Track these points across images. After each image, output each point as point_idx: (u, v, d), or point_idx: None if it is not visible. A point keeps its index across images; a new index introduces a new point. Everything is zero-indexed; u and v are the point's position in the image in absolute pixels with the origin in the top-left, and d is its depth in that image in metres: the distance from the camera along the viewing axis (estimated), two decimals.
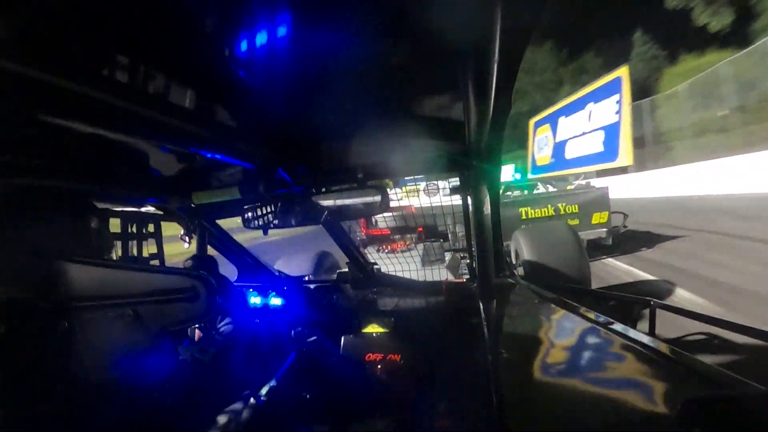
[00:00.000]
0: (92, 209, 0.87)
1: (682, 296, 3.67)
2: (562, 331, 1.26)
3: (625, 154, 8.49)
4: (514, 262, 3.51)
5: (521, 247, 3.37)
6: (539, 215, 5.64)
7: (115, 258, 1.11)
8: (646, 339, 0.96)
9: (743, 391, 0.68)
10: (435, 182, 2.33)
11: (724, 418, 0.58)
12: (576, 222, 5.50)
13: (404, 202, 2.56)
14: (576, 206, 5.69)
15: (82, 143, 0.87)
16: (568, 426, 0.70)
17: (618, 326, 1.07)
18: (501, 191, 1.73)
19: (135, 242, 1.24)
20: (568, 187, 7.39)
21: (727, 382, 0.71)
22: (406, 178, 1.81)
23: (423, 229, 3.51)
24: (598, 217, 5.60)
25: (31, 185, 0.79)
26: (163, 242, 1.44)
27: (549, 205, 5.70)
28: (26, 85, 0.51)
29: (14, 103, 0.60)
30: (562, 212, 5.67)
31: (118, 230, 1.20)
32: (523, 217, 5.60)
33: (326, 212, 1.38)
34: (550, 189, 7.54)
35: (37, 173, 0.85)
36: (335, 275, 2.21)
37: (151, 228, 1.34)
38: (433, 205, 2.03)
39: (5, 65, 0.47)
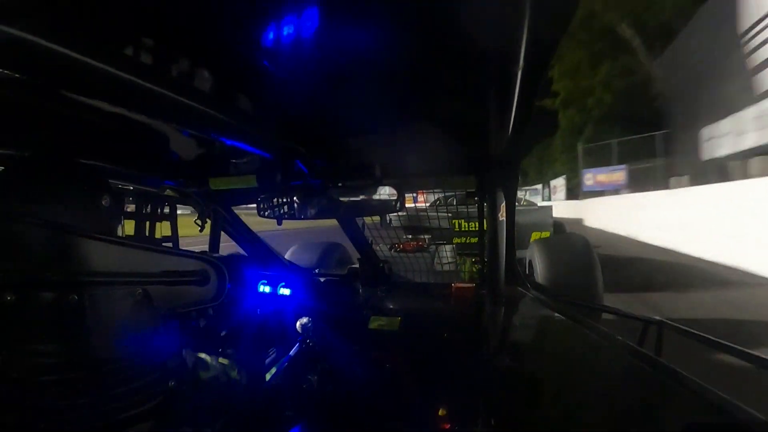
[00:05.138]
0: (108, 186, 0.88)
1: None
2: (568, 344, 1.24)
3: None
4: (528, 272, 3.48)
5: (536, 258, 3.34)
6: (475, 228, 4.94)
7: (128, 237, 1.12)
8: (651, 359, 0.95)
9: (745, 420, 0.67)
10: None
11: None
12: None
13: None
14: None
15: (103, 122, 0.88)
16: None
17: (624, 343, 1.05)
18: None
19: (149, 222, 1.26)
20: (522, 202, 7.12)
21: (730, 409, 0.69)
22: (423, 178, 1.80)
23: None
24: (537, 236, 5.42)
25: (48, 159, 0.80)
26: None
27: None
28: (50, 59, 0.52)
29: (37, 77, 0.61)
30: None
31: (133, 209, 1.21)
32: (456, 228, 5.17)
33: (341, 207, 1.38)
34: None
35: (55, 147, 0.86)
36: (346, 270, 2.21)
37: (166, 210, 1.36)
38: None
39: (30, 38, 0.48)
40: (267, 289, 1.72)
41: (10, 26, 0.46)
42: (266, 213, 1.46)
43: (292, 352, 1.44)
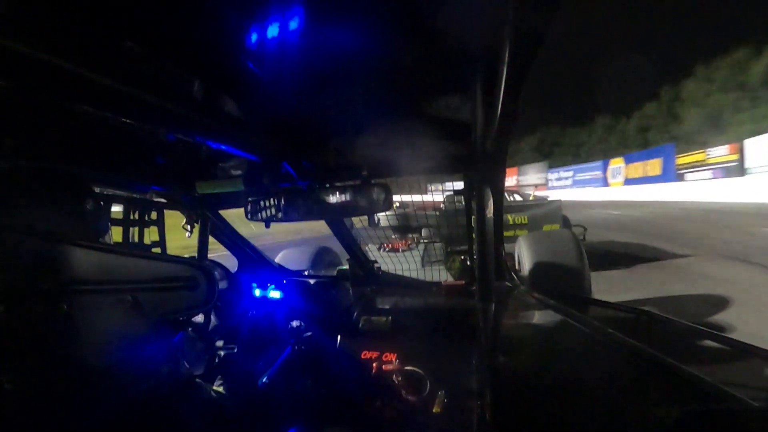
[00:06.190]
0: (95, 194, 0.87)
1: None
2: (559, 337, 1.25)
3: None
4: (517, 267, 3.51)
5: (524, 253, 3.37)
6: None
7: (116, 244, 1.11)
8: (642, 350, 0.96)
9: (737, 406, 0.68)
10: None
11: None
12: (524, 232, 5.44)
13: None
14: (525, 217, 5.97)
15: (88, 127, 0.87)
16: None
17: (614, 335, 1.06)
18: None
19: (137, 229, 1.24)
20: (531, 197, 7.80)
21: (722, 396, 0.71)
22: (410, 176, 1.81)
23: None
24: (548, 228, 5.86)
25: (34, 167, 0.79)
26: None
27: None
28: (35, 67, 0.51)
29: (21, 84, 0.60)
30: (511, 222, 5.81)
31: (120, 216, 1.20)
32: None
33: (329, 208, 1.37)
34: (517, 198, 7.85)
35: (40, 155, 0.85)
36: (335, 271, 2.21)
37: (153, 215, 1.34)
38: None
39: (15, 46, 0.47)
40: (257, 292, 1.71)
41: None
42: (254, 216, 1.45)
43: (284, 355, 1.43)
